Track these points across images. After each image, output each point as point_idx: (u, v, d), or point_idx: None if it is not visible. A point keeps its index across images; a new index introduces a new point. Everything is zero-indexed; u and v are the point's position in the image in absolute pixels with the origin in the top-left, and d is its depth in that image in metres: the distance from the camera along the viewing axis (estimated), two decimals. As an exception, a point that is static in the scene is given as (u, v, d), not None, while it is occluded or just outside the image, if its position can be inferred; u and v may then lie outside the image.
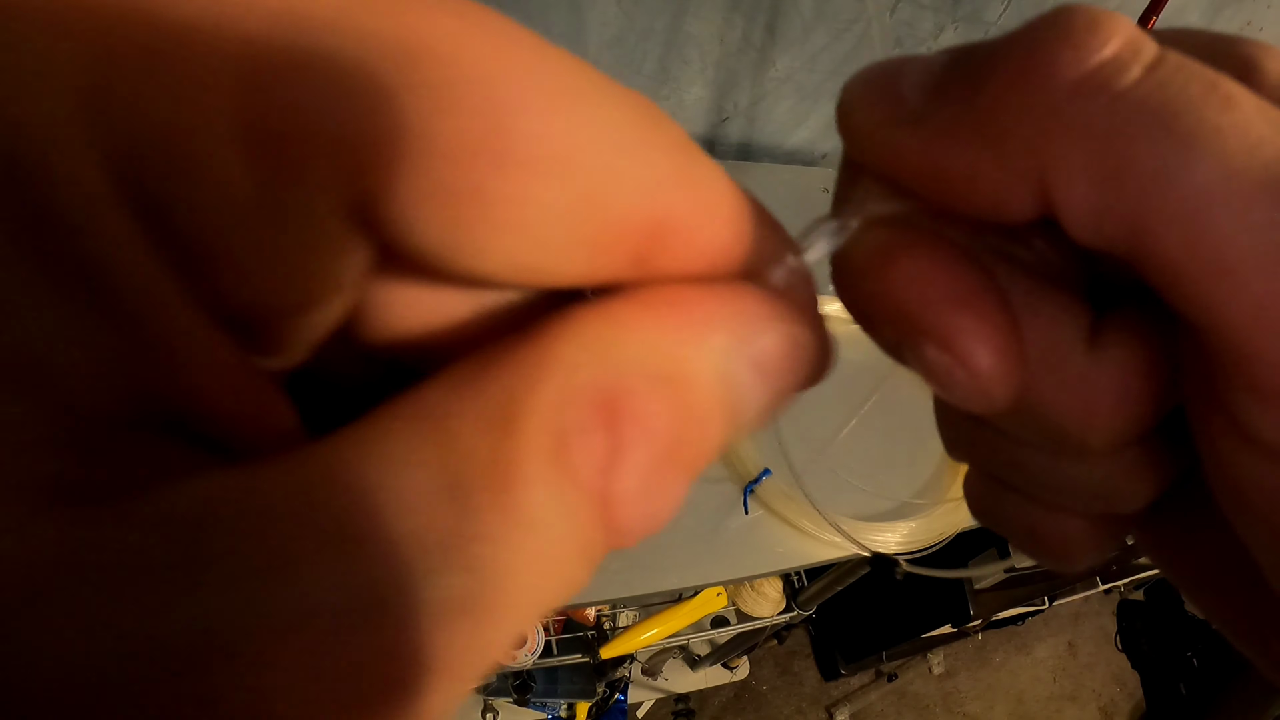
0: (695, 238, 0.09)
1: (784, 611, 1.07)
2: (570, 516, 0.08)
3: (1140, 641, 1.87)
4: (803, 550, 0.70)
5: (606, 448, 0.08)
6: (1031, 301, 0.11)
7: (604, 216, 0.08)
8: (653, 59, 1.06)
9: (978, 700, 1.73)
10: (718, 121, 1.19)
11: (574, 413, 0.08)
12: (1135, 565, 1.57)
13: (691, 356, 0.09)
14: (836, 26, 1.09)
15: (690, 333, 0.09)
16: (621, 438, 0.08)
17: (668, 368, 0.09)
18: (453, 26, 0.07)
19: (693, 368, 0.09)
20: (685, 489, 0.09)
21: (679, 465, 0.09)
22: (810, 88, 1.17)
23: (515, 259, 0.08)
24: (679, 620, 1.06)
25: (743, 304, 0.10)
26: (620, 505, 0.08)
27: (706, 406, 0.09)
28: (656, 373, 0.08)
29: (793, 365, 0.10)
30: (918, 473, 0.79)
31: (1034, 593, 1.46)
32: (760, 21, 1.05)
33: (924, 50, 0.52)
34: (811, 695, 1.64)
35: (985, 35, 0.55)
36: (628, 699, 1.36)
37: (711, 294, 0.09)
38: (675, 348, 0.09)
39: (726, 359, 0.09)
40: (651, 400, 0.08)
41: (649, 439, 0.08)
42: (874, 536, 0.71)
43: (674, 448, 0.09)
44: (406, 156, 0.07)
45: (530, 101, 0.07)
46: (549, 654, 1.01)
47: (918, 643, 1.52)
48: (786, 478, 0.72)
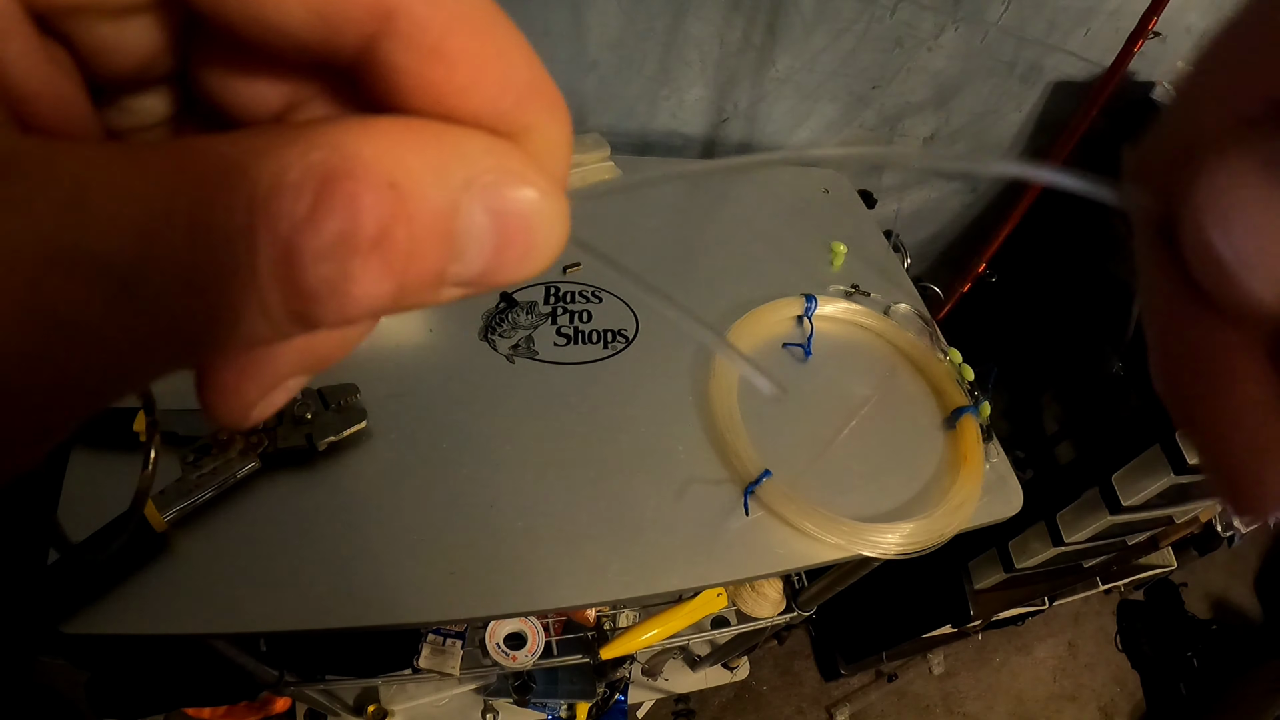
0: (440, 21, 0.10)
1: (784, 612, 1.07)
2: (251, 251, 0.09)
3: (1140, 641, 1.87)
4: (803, 551, 0.70)
5: (306, 209, 0.09)
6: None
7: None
8: (653, 59, 1.06)
9: (978, 700, 1.72)
10: (718, 121, 1.19)
11: (294, 174, 0.09)
12: (1135, 565, 1.57)
13: (425, 177, 0.10)
14: (836, 27, 1.09)
15: (435, 157, 0.10)
16: (321, 206, 0.09)
17: (399, 176, 0.10)
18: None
19: (421, 184, 0.10)
20: (392, 298, 0.10)
21: (382, 261, 0.10)
22: (810, 88, 1.17)
23: (251, 10, 0.10)
24: (679, 621, 1.06)
25: (502, 155, 0.11)
26: (302, 268, 0.10)
27: (426, 222, 0.10)
28: (386, 177, 0.10)
29: (526, 232, 0.11)
30: (918, 473, 0.79)
31: (1034, 593, 1.46)
32: (760, 22, 1.05)
33: (924, 51, 0.52)
34: (811, 695, 1.64)
35: (985, 36, 0.55)
36: (628, 699, 1.36)
37: (474, 136, 0.11)
38: (412, 162, 0.10)
39: (462, 192, 0.10)
40: (368, 192, 0.10)
41: (348, 218, 0.10)
42: (874, 537, 0.71)
43: (379, 241, 0.10)
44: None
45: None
46: (549, 654, 1.01)
47: (918, 643, 1.52)
48: (787, 479, 0.72)
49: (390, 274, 0.10)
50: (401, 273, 0.10)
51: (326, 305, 0.10)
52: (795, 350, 0.86)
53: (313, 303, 0.10)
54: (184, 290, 0.09)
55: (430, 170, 0.10)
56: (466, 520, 0.65)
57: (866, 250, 1.02)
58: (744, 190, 1.07)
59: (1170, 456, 1.01)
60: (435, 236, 0.10)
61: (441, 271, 0.11)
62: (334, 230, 0.10)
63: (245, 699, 1.02)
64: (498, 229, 0.11)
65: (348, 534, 0.61)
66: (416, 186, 0.10)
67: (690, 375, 0.80)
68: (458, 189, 0.10)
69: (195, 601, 0.55)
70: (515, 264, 0.11)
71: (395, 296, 0.10)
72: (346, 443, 0.65)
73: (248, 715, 1.18)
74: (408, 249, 0.10)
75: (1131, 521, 1.15)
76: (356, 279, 0.10)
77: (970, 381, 0.86)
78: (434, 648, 0.98)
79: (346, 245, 0.10)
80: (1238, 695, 1.70)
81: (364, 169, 0.10)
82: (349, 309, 0.10)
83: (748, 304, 0.87)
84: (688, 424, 0.76)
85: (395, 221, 0.10)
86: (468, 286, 0.11)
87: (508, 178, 0.11)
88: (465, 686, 1.26)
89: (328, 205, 0.09)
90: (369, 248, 0.10)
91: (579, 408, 0.75)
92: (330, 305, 0.10)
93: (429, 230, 0.10)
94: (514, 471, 0.69)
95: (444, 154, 0.10)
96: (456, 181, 0.10)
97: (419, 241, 0.10)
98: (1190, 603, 1.93)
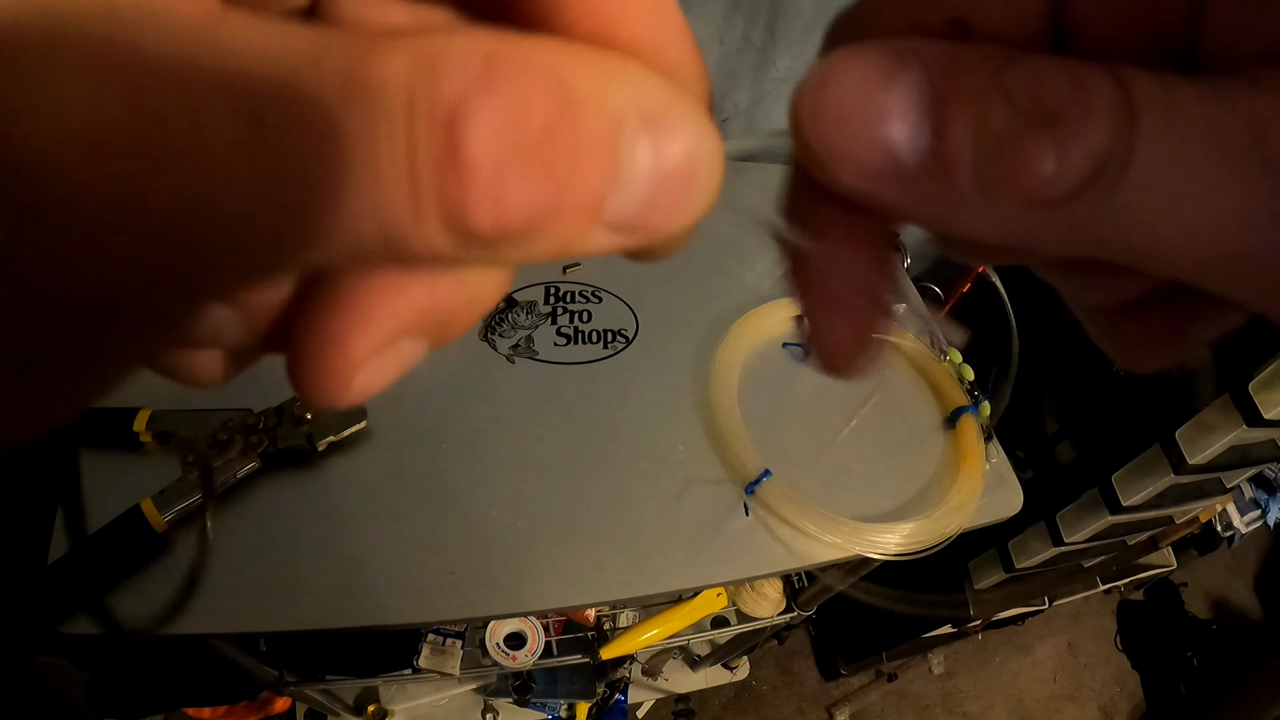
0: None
1: (784, 612, 1.07)
2: (409, 114, 0.08)
3: (1140, 641, 1.87)
4: (803, 551, 0.70)
5: (476, 82, 0.08)
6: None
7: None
8: (653, 59, 1.06)
9: (978, 700, 1.73)
10: (718, 121, 1.18)
11: (459, 49, 0.08)
12: (1135, 565, 1.57)
13: (589, 88, 0.09)
14: (836, 27, 1.09)
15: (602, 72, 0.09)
16: (491, 84, 0.08)
17: (568, 77, 0.09)
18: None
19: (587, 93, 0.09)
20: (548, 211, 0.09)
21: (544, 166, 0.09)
22: (810, 88, 1.17)
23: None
24: (679, 621, 1.06)
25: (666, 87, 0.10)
26: (469, 143, 0.08)
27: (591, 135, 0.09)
28: (552, 74, 0.09)
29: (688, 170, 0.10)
30: (918, 473, 0.79)
31: (1034, 593, 1.46)
32: (760, 22, 1.05)
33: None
34: (811, 695, 1.64)
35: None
36: (628, 699, 1.36)
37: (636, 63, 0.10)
38: (582, 71, 0.09)
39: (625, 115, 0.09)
40: (534, 82, 0.09)
41: (519, 102, 0.09)
42: (874, 537, 0.71)
43: (544, 141, 0.09)
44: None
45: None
46: (549, 654, 1.01)
47: (918, 643, 1.52)
48: (787, 479, 0.72)
49: (553, 182, 0.09)
50: (564, 185, 0.09)
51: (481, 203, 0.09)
52: (795, 350, 0.86)
53: (470, 189, 0.09)
54: (322, 141, 0.08)
55: (597, 82, 0.09)
56: (466, 520, 0.65)
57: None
58: (744, 191, 1.07)
59: (1170, 456, 1.01)
60: (601, 152, 0.09)
61: (601, 197, 0.09)
62: (499, 112, 0.08)
63: (245, 699, 1.02)
64: (659, 163, 0.10)
65: (347, 534, 0.61)
66: (586, 92, 0.09)
67: (690, 375, 0.80)
68: (624, 108, 0.09)
69: (195, 601, 0.55)
70: (675, 204, 0.10)
71: (552, 214, 0.09)
72: (346, 443, 0.65)
73: (248, 715, 1.18)
74: (572, 158, 0.09)
75: (1131, 521, 1.15)
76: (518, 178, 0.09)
77: (970, 381, 0.86)
78: (434, 648, 0.98)
79: (512, 132, 0.09)
80: (1238, 695, 1.70)
81: (535, 61, 0.09)
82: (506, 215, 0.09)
83: (748, 304, 0.87)
84: (688, 424, 0.76)
85: (563, 121, 0.09)
86: (620, 231, 0.10)
87: (672, 111, 0.10)
88: (465, 686, 1.26)
89: (495, 84, 0.08)
90: (536, 143, 0.09)
91: (579, 408, 0.75)
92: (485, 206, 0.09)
93: (595, 143, 0.09)
94: (514, 471, 0.69)
95: (610, 71, 0.09)
96: (622, 100, 0.09)
97: (583, 153, 0.09)
98: (1190, 603, 1.93)
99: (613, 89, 0.09)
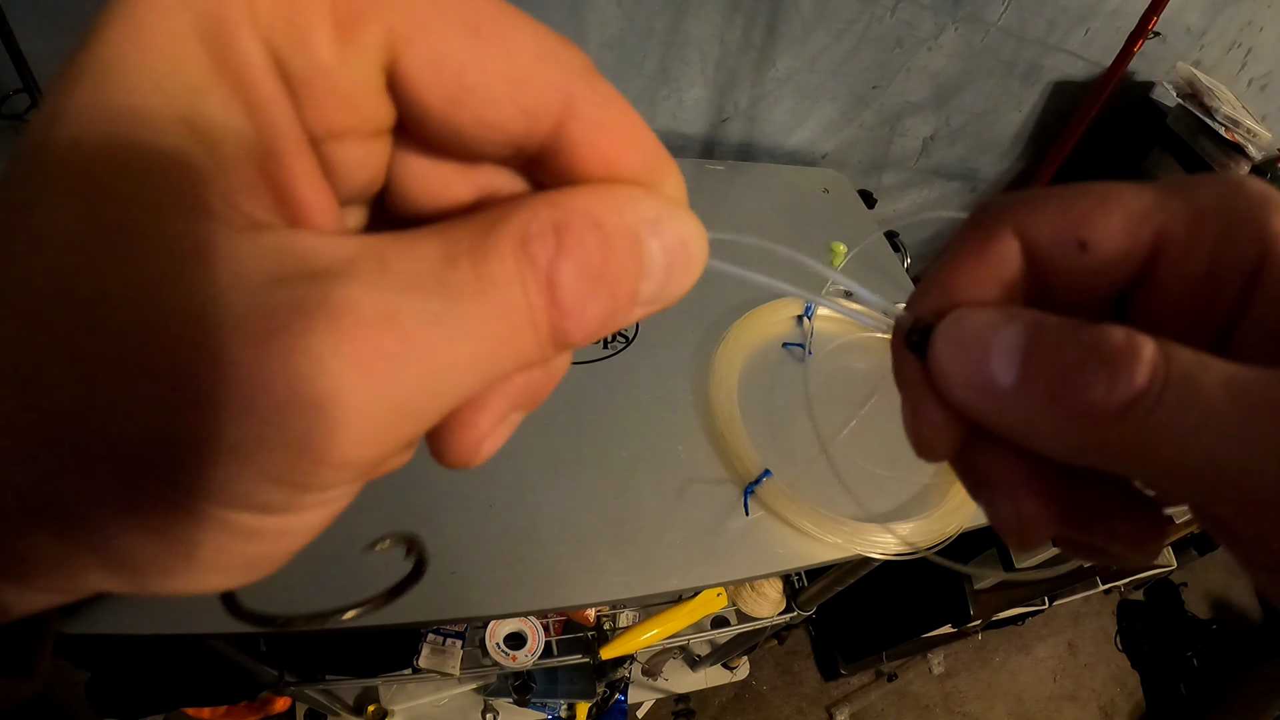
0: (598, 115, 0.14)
1: (784, 611, 1.07)
2: (524, 285, 0.12)
3: (1140, 641, 1.87)
4: (803, 551, 0.70)
5: (554, 248, 0.13)
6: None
7: (533, 88, 0.13)
8: (653, 59, 1.06)
9: (978, 700, 1.73)
10: (718, 121, 1.19)
11: (535, 226, 0.13)
12: (1135, 565, 1.57)
13: (614, 219, 0.13)
14: (836, 27, 1.09)
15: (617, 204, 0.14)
16: (564, 245, 0.13)
17: (599, 217, 0.13)
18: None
19: (614, 223, 0.13)
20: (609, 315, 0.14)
21: (605, 286, 0.13)
22: (810, 88, 1.17)
23: (478, 115, 0.13)
24: (679, 621, 1.06)
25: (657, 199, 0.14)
26: (562, 290, 0.13)
27: (623, 250, 0.13)
28: (590, 219, 0.13)
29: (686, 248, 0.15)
30: (918, 473, 0.79)
31: (1034, 593, 1.46)
32: (760, 22, 1.05)
33: (924, 51, 0.54)
34: (811, 695, 1.64)
35: (985, 36, 0.56)
36: (628, 699, 1.36)
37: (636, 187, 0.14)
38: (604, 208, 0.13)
39: (639, 227, 0.14)
40: (586, 233, 0.13)
41: (583, 251, 0.13)
42: (874, 537, 0.71)
43: (601, 270, 0.13)
44: (418, 30, 0.12)
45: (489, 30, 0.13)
46: (549, 654, 1.01)
47: (918, 643, 1.52)
48: (787, 479, 0.72)
49: (611, 293, 0.13)
50: (616, 292, 0.14)
51: (575, 322, 0.13)
52: (795, 350, 0.86)
53: (567, 319, 0.13)
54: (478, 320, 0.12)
55: (616, 214, 0.14)
56: (466, 520, 0.65)
57: (866, 250, 1.02)
58: (744, 190, 1.07)
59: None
60: (630, 260, 0.14)
61: (636, 289, 0.14)
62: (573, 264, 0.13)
63: (245, 699, 1.02)
64: (667, 250, 0.14)
65: (346, 533, 0.61)
66: (614, 224, 0.13)
67: (690, 375, 0.80)
68: (637, 224, 0.14)
69: (195, 601, 0.55)
70: (681, 275, 0.15)
71: (609, 313, 0.14)
72: (346, 443, 0.65)
73: (248, 715, 1.18)
74: (618, 273, 0.13)
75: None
76: (592, 301, 0.13)
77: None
78: (434, 648, 0.98)
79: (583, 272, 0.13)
80: (1238, 695, 1.70)
81: (579, 215, 0.13)
82: (587, 325, 0.13)
83: (748, 304, 0.87)
84: (688, 424, 0.76)
85: (607, 250, 0.13)
86: (650, 304, 0.14)
87: (665, 213, 0.14)
88: (465, 686, 1.26)
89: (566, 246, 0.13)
90: (596, 272, 0.13)
91: (579, 407, 0.75)
92: (575, 324, 0.13)
93: (625, 255, 0.13)
94: (514, 471, 0.69)
95: (621, 202, 0.14)
96: (634, 219, 0.14)
97: (619, 265, 0.13)
98: (1190, 603, 1.93)
99: (628, 213, 0.14)
